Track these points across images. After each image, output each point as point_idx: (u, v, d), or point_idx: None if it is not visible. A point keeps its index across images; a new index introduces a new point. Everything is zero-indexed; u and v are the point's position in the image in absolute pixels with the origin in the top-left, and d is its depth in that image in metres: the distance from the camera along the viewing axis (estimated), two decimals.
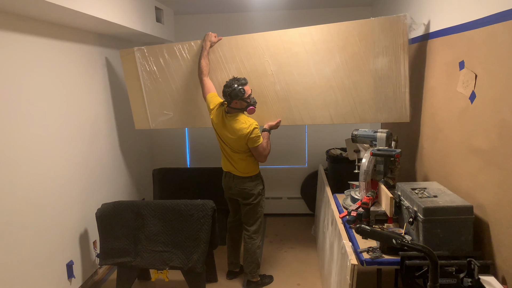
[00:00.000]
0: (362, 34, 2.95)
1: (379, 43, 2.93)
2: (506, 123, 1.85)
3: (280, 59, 3.20)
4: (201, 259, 2.92)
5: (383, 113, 3.05)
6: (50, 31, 2.83)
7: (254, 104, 3.05)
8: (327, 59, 3.09)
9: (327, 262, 2.96)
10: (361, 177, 2.69)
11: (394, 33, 2.87)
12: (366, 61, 2.99)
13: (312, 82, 3.17)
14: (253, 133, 2.93)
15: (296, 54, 3.15)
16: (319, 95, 3.17)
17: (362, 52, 2.98)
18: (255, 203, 3.16)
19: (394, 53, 2.90)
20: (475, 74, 2.12)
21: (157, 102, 3.60)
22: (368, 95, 3.05)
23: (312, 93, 3.19)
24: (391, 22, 2.87)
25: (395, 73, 2.93)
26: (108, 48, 3.76)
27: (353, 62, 3.02)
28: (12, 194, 2.44)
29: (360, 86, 3.05)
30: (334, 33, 3.04)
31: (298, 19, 4.64)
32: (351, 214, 2.54)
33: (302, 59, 3.15)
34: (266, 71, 3.24)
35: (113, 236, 3.01)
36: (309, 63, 3.14)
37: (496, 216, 1.95)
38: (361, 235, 1.86)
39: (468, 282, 1.81)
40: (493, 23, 1.94)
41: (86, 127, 3.31)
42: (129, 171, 4.17)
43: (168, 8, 4.28)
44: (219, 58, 3.35)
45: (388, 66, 2.94)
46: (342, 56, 3.04)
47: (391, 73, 2.94)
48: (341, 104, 3.14)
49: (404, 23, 2.83)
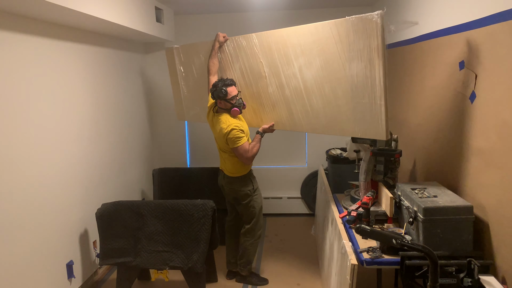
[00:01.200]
0: (338, 36, 2.61)
1: (353, 46, 2.53)
2: (506, 123, 1.85)
3: (271, 60, 3.06)
4: (201, 259, 2.92)
5: (360, 127, 2.66)
6: (50, 31, 2.83)
7: (239, 106, 3.07)
8: (309, 62, 2.81)
9: (327, 262, 2.96)
10: (361, 177, 2.69)
11: (368, 35, 2.44)
12: (343, 66, 2.62)
13: (298, 87, 2.94)
14: (230, 134, 2.95)
15: (284, 55, 2.96)
16: (303, 101, 2.95)
17: (339, 55, 2.63)
18: (245, 204, 3.19)
19: (369, 58, 2.45)
20: (475, 74, 2.12)
21: (189, 97, 3.86)
22: (346, 105, 2.68)
23: (297, 98, 2.98)
24: (364, 22, 2.46)
25: (370, 81, 2.49)
26: (108, 48, 3.76)
27: (331, 67, 2.69)
28: (12, 194, 2.44)
29: (338, 94, 2.70)
30: (315, 34, 2.73)
31: (298, 19, 4.62)
32: (351, 214, 2.54)
33: (289, 61, 2.94)
34: (261, 73, 3.17)
35: (113, 236, 3.01)
36: (295, 65, 2.91)
37: (496, 216, 1.95)
38: (361, 235, 1.86)
39: (468, 282, 1.81)
40: (493, 23, 1.94)
41: (86, 127, 3.31)
42: (129, 171, 4.17)
43: (168, 8, 4.28)
44: (227, 57, 3.38)
45: (363, 73, 2.51)
46: (321, 60, 2.73)
47: (366, 81, 2.51)
48: (322, 113, 2.86)
49: (377, 23, 2.37)
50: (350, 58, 2.57)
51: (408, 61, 3.21)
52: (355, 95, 2.60)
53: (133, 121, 4.32)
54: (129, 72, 4.27)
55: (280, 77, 3.03)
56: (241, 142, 2.98)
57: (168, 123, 4.95)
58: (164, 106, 4.91)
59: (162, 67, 4.86)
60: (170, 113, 4.93)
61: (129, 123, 4.20)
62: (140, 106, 4.57)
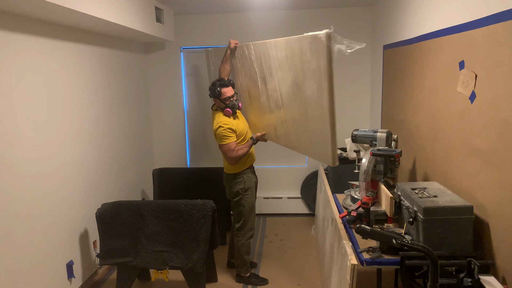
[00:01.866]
0: (300, 53, 2.44)
1: (308, 66, 2.39)
2: (506, 123, 1.84)
3: (261, 71, 3.06)
4: (201, 259, 2.92)
5: (315, 150, 2.59)
6: (50, 31, 2.83)
7: (233, 107, 3.18)
8: (283, 77, 2.74)
9: (327, 262, 2.96)
10: (361, 177, 2.69)
11: (318, 55, 2.27)
12: (302, 85, 2.52)
13: (278, 100, 2.91)
14: (217, 132, 3.10)
15: (268, 67, 2.92)
16: (281, 116, 2.93)
17: (302, 73, 2.50)
18: (235, 201, 3.28)
19: (319, 80, 2.31)
20: (475, 74, 2.12)
21: None
22: (304, 125, 2.61)
23: (277, 112, 2.98)
24: (316, 40, 2.26)
25: (320, 104, 2.36)
26: (108, 48, 3.76)
27: (297, 84, 2.59)
28: (12, 194, 2.44)
29: (302, 113, 2.62)
30: (286, 48, 2.60)
31: (298, 19, 4.64)
32: (351, 214, 2.54)
33: (272, 74, 2.90)
34: (256, 81, 3.21)
35: (113, 236, 3.01)
36: (275, 79, 2.85)
37: (496, 216, 1.95)
38: (361, 235, 1.86)
39: (468, 282, 1.80)
40: (493, 23, 1.94)
41: (86, 127, 3.31)
42: (129, 171, 4.17)
43: (168, 8, 4.28)
44: (238, 63, 3.45)
45: (315, 95, 2.39)
46: (291, 76, 2.63)
47: (316, 103, 2.40)
48: (292, 130, 2.84)
49: (323, 42, 2.18)
50: (307, 78, 2.45)
51: (408, 61, 3.21)
52: (310, 117, 2.52)
53: (133, 121, 4.32)
54: (129, 72, 4.27)
55: (267, 88, 3.06)
56: (227, 141, 3.08)
57: (168, 123, 4.95)
58: (164, 106, 4.91)
59: (162, 67, 4.86)
60: (170, 113, 4.93)
61: (129, 123, 4.20)
62: (140, 106, 4.57)
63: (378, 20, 4.25)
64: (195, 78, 4.93)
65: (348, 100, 4.76)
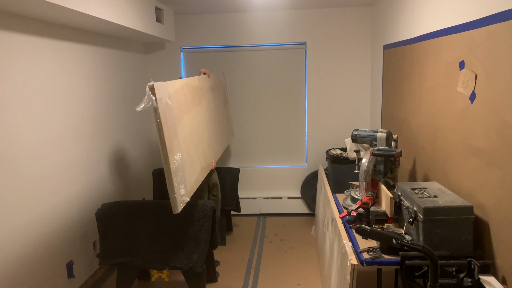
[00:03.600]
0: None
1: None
2: (506, 123, 1.84)
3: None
4: (201, 259, 2.92)
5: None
6: (50, 31, 2.83)
7: None
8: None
9: (327, 262, 2.96)
10: (361, 177, 2.69)
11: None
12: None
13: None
14: None
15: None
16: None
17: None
18: None
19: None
20: (475, 74, 2.12)
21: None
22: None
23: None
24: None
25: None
26: (108, 48, 3.76)
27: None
28: (12, 194, 2.44)
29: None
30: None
31: (298, 19, 4.64)
32: (351, 214, 2.54)
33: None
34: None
35: (113, 236, 3.01)
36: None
37: (496, 216, 1.95)
38: (361, 235, 1.86)
39: (468, 282, 1.80)
40: (493, 23, 1.94)
41: (86, 127, 3.31)
42: (129, 171, 4.17)
43: (168, 8, 4.28)
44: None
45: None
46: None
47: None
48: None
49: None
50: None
51: (408, 61, 3.21)
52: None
53: (133, 121, 4.32)
54: (129, 72, 4.27)
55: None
56: None
57: None
58: None
59: (162, 67, 4.86)
60: None
61: (128, 123, 4.20)
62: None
63: (378, 20, 4.25)
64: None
65: (348, 100, 4.76)
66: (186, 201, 2.52)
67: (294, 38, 4.70)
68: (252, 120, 4.94)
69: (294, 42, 4.72)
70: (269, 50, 4.78)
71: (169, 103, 2.45)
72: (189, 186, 2.61)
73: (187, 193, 2.54)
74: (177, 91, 2.70)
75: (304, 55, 4.75)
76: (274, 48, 4.77)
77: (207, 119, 3.36)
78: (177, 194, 2.38)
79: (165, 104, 2.38)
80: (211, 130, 3.46)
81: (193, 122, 2.95)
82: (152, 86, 2.27)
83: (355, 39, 4.65)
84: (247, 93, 4.88)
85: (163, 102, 2.34)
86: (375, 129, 2.86)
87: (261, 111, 4.92)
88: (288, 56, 4.78)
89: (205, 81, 3.53)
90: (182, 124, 2.68)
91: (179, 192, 2.41)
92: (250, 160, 5.02)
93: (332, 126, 4.82)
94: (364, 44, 4.64)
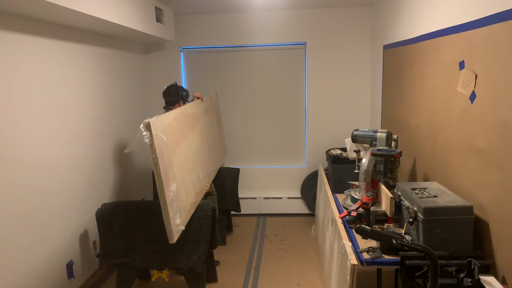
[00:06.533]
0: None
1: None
2: (506, 123, 1.84)
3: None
4: (201, 259, 2.92)
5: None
6: (50, 31, 2.83)
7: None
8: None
9: (327, 262, 2.96)
10: (361, 177, 2.69)
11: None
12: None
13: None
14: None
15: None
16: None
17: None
18: None
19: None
20: (475, 74, 2.12)
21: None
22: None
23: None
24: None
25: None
26: (108, 48, 3.76)
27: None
28: (12, 194, 2.44)
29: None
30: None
31: (298, 19, 4.64)
32: (351, 214, 2.54)
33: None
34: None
35: (113, 236, 3.01)
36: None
37: (496, 216, 1.95)
38: (361, 235, 1.86)
39: (468, 282, 1.80)
40: (493, 23, 1.94)
41: (86, 127, 3.31)
42: (129, 171, 4.17)
43: (168, 8, 4.28)
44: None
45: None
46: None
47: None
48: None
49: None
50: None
51: (408, 61, 3.21)
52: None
53: (132, 121, 4.32)
54: (129, 72, 4.27)
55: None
56: None
57: None
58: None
59: (162, 67, 4.86)
60: None
61: (128, 123, 4.20)
62: (140, 106, 4.57)
63: (378, 20, 4.25)
64: (195, 78, 4.93)
65: (348, 100, 4.76)
66: (182, 230, 2.58)
67: (294, 38, 4.70)
68: (252, 120, 4.94)
69: (294, 42, 4.72)
70: (269, 50, 4.78)
71: (164, 139, 2.54)
72: (184, 213, 2.69)
73: (183, 222, 2.62)
74: (172, 122, 2.78)
75: (304, 55, 4.75)
76: (274, 48, 4.77)
77: (200, 143, 3.42)
78: (172, 225, 2.45)
79: (160, 140, 2.47)
80: (205, 153, 3.52)
81: (187, 150, 3.03)
82: (148, 124, 2.33)
83: (355, 39, 4.65)
84: (247, 93, 4.88)
85: (158, 138, 2.43)
86: (375, 129, 2.86)
87: (261, 111, 4.92)
88: (288, 56, 4.78)
89: (198, 106, 3.59)
90: (176, 154, 2.75)
91: (175, 222, 2.49)
92: (250, 160, 5.02)
93: (332, 126, 4.82)
94: (364, 44, 4.64)
